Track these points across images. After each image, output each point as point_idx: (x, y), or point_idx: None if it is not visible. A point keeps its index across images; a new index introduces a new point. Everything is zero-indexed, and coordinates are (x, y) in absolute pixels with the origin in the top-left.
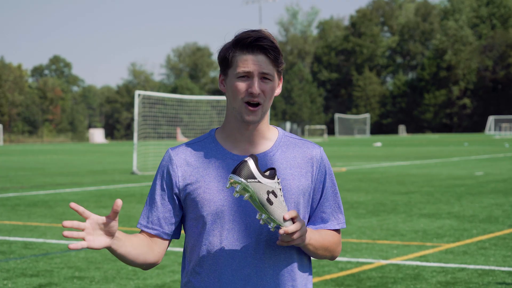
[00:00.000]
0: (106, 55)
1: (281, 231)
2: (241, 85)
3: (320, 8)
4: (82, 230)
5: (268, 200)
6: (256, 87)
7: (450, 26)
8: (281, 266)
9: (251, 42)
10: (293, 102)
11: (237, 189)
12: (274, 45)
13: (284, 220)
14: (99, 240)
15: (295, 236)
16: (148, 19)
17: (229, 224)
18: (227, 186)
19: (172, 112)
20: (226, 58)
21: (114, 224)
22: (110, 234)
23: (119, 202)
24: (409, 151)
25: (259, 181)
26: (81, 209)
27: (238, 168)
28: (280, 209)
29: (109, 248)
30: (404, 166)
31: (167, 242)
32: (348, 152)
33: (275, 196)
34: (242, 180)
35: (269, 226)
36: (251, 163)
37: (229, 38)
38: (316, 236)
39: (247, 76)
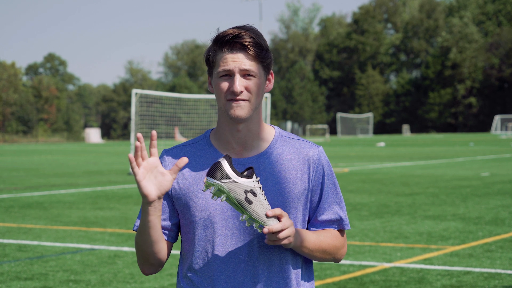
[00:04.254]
0: (102, 52)
1: (265, 229)
2: (223, 84)
3: (321, 5)
4: (142, 158)
5: (247, 199)
6: (237, 85)
7: (455, 23)
8: (275, 272)
9: (229, 39)
10: (294, 101)
11: (212, 191)
12: (255, 40)
13: (267, 217)
14: (149, 185)
15: (281, 235)
16: (146, 16)
17: (222, 229)
18: (203, 189)
19: (170, 111)
20: (208, 58)
21: (169, 181)
22: (159, 190)
23: (184, 158)
24: (413, 151)
25: (234, 181)
26: (143, 145)
27: (211, 169)
28: (262, 208)
29: (148, 204)
30: (408, 166)
31: (170, 244)
32: (351, 152)
33: (255, 195)
34: (216, 181)
35: (254, 227)
36: (224, 163)
37: (214, 34)
38: (312, 238)
39: (229, 74)
